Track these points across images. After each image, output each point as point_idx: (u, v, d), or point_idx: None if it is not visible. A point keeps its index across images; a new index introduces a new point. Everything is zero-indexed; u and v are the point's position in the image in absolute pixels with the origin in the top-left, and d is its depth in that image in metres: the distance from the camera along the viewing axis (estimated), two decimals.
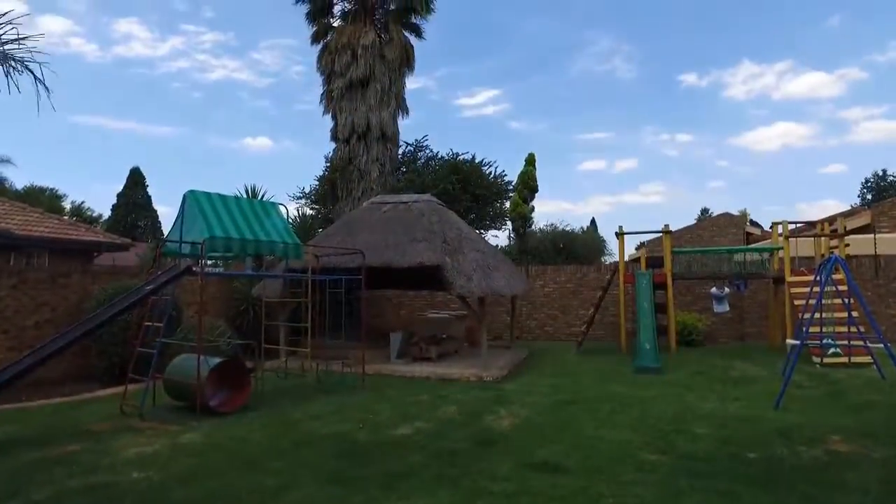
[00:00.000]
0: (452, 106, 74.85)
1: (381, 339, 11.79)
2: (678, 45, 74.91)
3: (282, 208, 8.56)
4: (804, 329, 8.03)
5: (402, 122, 18.36)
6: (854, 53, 68.44)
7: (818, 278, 8.83)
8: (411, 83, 23.74)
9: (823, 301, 8.85)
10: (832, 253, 11.03)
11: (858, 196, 48.55)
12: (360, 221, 11.27)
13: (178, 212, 7.47)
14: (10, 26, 4.15)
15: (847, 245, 12.71)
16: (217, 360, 7.10)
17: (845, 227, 13.48)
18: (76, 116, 69.50)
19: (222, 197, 7.67)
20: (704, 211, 62.03)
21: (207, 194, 7.47)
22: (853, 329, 9.26)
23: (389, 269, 9.91)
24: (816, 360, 10.09)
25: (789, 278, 11.74)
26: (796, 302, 11.04)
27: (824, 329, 9.22)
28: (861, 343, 9.29)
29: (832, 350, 9.95)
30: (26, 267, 12.07)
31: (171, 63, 73.65)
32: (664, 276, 12.67)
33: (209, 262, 8.83)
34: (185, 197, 7.39)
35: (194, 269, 7.14)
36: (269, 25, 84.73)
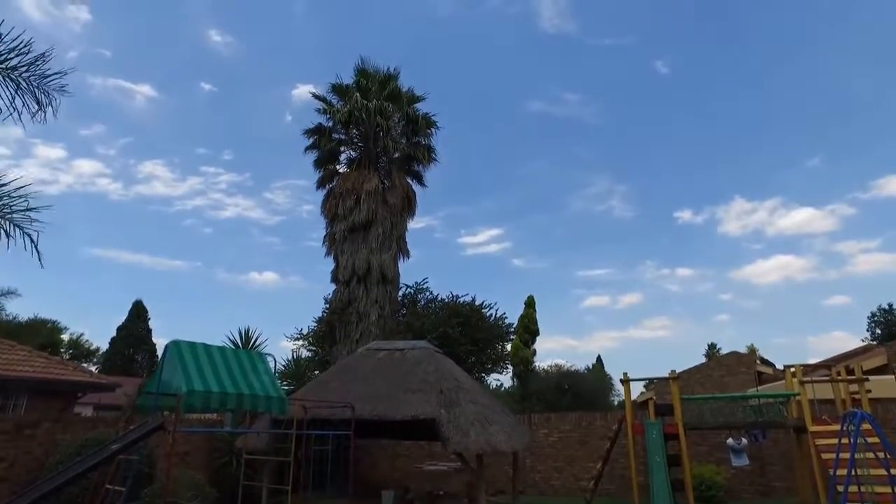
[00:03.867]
0: (455, 244, 77.39)
1: (372, 493, 10.79)
2: (671, 183, 78.94)
3: (270, 359, 8.22)
4: (842, 491, 7.24)
5: (403, 265, 18.63)
6: (839, 191, 71.84)
7: (844, 428, 8.18)
8: (415, 223, 24.52)
9: (856, 455, 8.11)
10: (853, 398, 10.40)
11: (868, 330, 47.86)
12: (354, 369, 10.83)
13: (159, 361, 7.16)
14: (21, 198, 4.29)
15: (868, 392, 12.05)
16: None
17: (862, 369, 12.89)
18: (92, 249, 71.72)
19: (207, 347, 7.38)
20: (712, 346, 60.84)
21: (191, 345, 7.20)
22: None
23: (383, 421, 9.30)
24: None
25: (812, 428, 10.96)
26: (824, 455, 10.17)
27: (862, 489, 8.35)
28: None
29: None
30: None
31: (187, 201, 77.46)
32: (675, 426, 11.88)
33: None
34: (167, 347, 7.13)
35: (167, 426, 6.63)
36: (283, 168, 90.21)
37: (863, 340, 41.22)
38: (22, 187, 4.26)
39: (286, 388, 16.27)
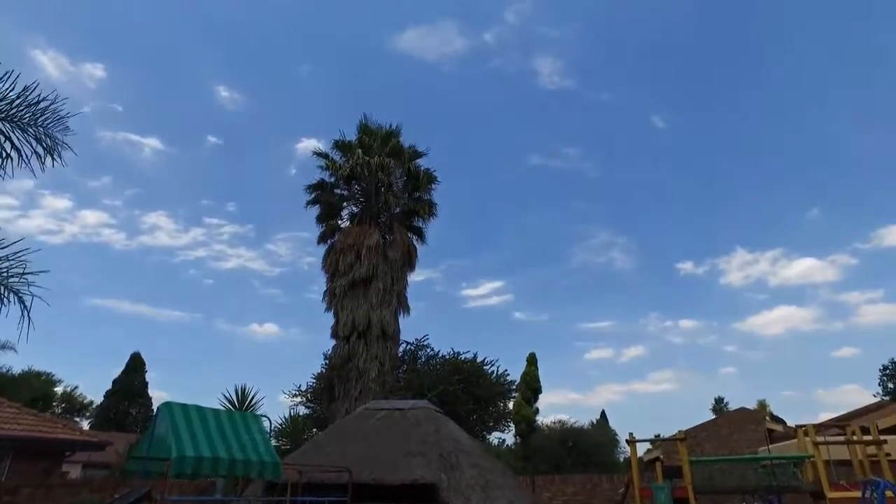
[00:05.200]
0: (456, 296, 77.12)
1: None
2: (672, 235, 79.42)
3: (265, 420, 7.97)
4: None
5: (403, 320, 18.45)
6: (839, 241, 72.13)
7: (866, 496, 7.85)
8: (415, 276, 24.48)
9: None
10: (871, 460, 9.99)
11: (879, 384, 47.00)
12: (352, 430, 10.50)
13: (150, 424, 6.93)
14: (19, 262, 4.28)
15: (888, 455, 11.60)
16: None
17: (878, 429, 12.46)
18: (92, 299, 71.44)
19: (199, 409, 7.16)
20: (719, 400, 59.51)
21: (184, 407, 6.98)
22: None
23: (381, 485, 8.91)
24: None
25: (830, 494, 10.47)
26: None
27: None
28: None
29: None
30: None
31: (189, 252, 77.81)
32: (685, 489, 11.40)
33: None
34: (158, 409, 6.91)
35: (154, 495, 6.35)
36: (286, 219, 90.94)
37: (875, 395, 40.47)
38: (20, 252, 4.23)
39: (282, 447, 15.79)
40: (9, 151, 4.41)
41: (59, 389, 40.43)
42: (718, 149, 66.57)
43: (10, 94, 4.27)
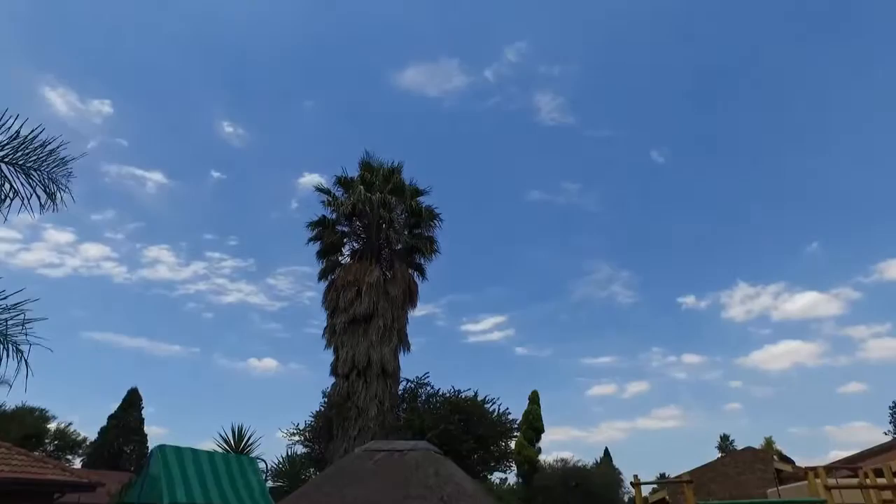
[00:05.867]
0: (457, 332, 76.65)
1: None
2: (673, 268, 79.38)
3: (261, 463, 7.78)
4: None
5: (404, 357, 18.26)
6: (841, 275, 71.93)
7: None
8: (416, 312, 24.36)
9: None
10: None
11: (890, 422, 46.34)
12: (351, 471, 10.21)
13: (144, 466, 6.76)
14: (18, 312, 4.28)
15: None
16: None
17: (892, 471, 12.12)
18: (90, 333, 71.00)
19: (194, 452, 7.00)
20: (725, 438, 58.46)
21: (177, 450, 6.82)
22: None
23: None
24: None
25: None
26: None
27: None
28: None
29: None
30: None
31: (189, 285, 77.64)
32: None
33: None
34: (152, 452, 6.75)
35: None
36: (287, 254, 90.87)
37: (886, 433, 39.89)
38: (20, 303, 4.20)
39: (280, 487, 15.39)
40: (11, 195, 4.42)
41: (52, 426, 39.79)
42: (717, 183, 67.11)
43: (16, 139, 4.31)
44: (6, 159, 4.30)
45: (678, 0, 58.70)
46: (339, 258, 20.19)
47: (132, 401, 36.26)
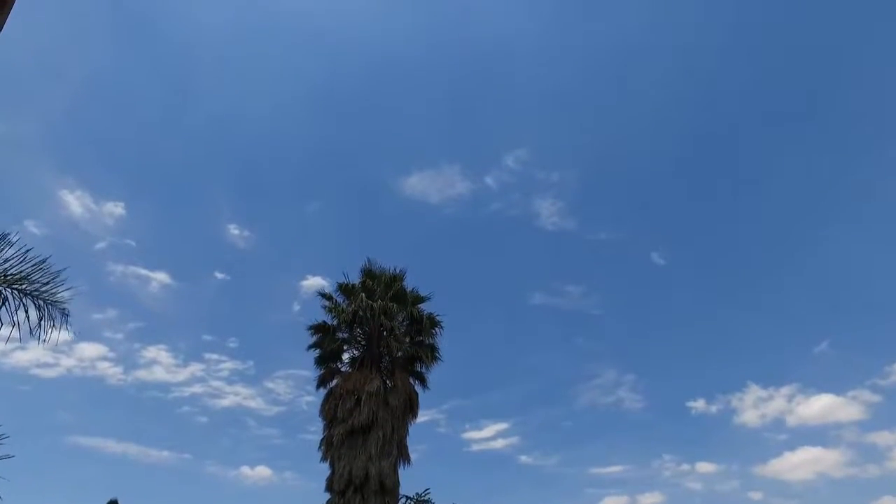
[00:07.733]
0: (459, 439, 73.73)
1: None
2: (680, 371, 77.59)
3: None
4: None
5: (403, 471, 17.52)
6: (855, 376, 69.74)
7: None
8: (419, 418, 23.76)
9: None
10: None
11: None
12: None
13: None
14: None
15: None
16: None
17: None
18: (76, 437, 68.26)
19: None
20: None
21: None
22: None
23: None
24: None
25: None
26: None
27: None
28: None
29: None
30: None
31: (185, 388, 75.63)
32: None
33: None
34: None
35: None
36: (287, 357, 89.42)
37: None
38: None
39: None
40: (17, 321, 4.62)
41: None
42: (720, 283, 67.55)
43: (25, 266, 4.57)
44: (6, 283, 4.54)
45: (669, 94, 62.43)
46: (339, 366, 19.96)
47: None
